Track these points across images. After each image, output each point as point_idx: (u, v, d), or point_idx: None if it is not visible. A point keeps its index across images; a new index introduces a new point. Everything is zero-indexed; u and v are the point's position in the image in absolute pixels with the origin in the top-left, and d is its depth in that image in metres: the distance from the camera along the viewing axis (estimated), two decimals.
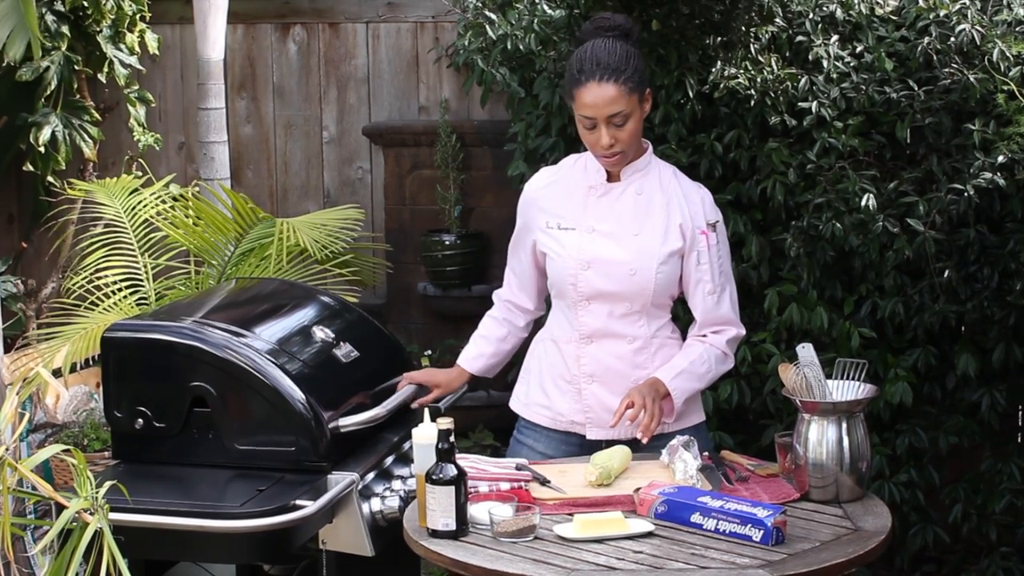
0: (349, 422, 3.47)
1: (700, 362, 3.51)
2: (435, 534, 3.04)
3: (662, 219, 3.50)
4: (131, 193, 5.13)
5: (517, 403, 3.70)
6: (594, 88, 3.41)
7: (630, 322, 3.51)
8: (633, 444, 3.46)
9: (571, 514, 3.12)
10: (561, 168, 3.66)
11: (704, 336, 3.56)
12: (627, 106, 3.41)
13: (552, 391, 3.60)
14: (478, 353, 3.75)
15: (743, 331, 3.63)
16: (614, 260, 3.48)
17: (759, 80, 4.55)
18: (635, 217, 3.51)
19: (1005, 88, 4.22)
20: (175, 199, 5.20)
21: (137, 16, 5.72)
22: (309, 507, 3.17)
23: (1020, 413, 4.85)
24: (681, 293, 3.58)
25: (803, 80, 4.53)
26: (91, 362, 4.60)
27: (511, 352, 3.78)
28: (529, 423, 3.66)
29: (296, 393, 3.37)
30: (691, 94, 4.63)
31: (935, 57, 4.41)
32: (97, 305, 4.79)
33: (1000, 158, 4.19)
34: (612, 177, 3.54)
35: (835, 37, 4.61)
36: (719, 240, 3.54)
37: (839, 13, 4.64)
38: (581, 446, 3.57)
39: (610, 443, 3.49)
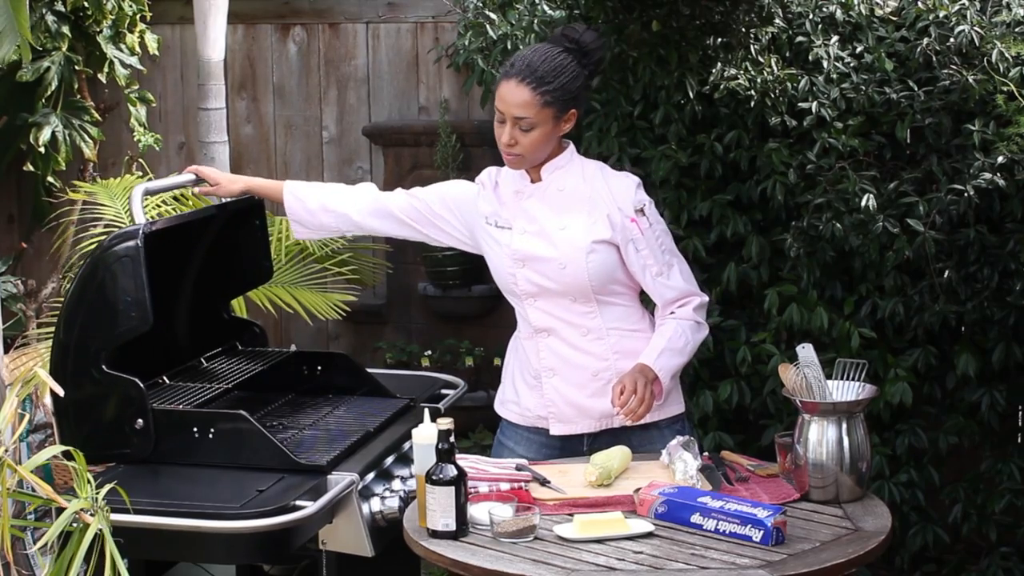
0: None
1: (677, 336, 3.53)
2: (435, 534, 3.05)
3: (586, 210, 3.53)
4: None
5: (496, 402, 3.76)
6: (511, 86, 3.46)
7: (580, 314, 3.54)
8: (622, 440, 3.48)
9: (571, 514, 3.12)
10: (503, 169, 3.66)
11: (672, 313, 3.57)
12: (535, 116, 3.45)
13: (520, 387, 3.65)
14: (308, 187, 3.81)
15: (706, 297, 3.62)
16: (544, 257, 3.52)
17: (759, 81, 4.56)
18: (559, 213, 3.54)
19: (1004, 89, 4.22)
20: (175, 199, 5.20)
21: (137, 16, 5.72)
22: (309, 507, 3.17)
23: (1020, 413, 4.85)
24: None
25: (803, 81, 4.53)
26: None
27: (323, 224, 3.79)
28: (505, 422, 3.71)
29: None
30: (691, 94, 4.63)
31: (935, 58, 4.41)
32: None
33: (1000, 158, 4.19)
34: (534, 178, 3.58)
35: (835, 38, 4.61)
36: (652, 222, 3.55)
37: (839, 14, 4.65)
38: (562, 449, 3.59)
39: (592, 438, 3.56)
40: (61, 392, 3.00)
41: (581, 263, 3.50)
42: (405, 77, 5.94)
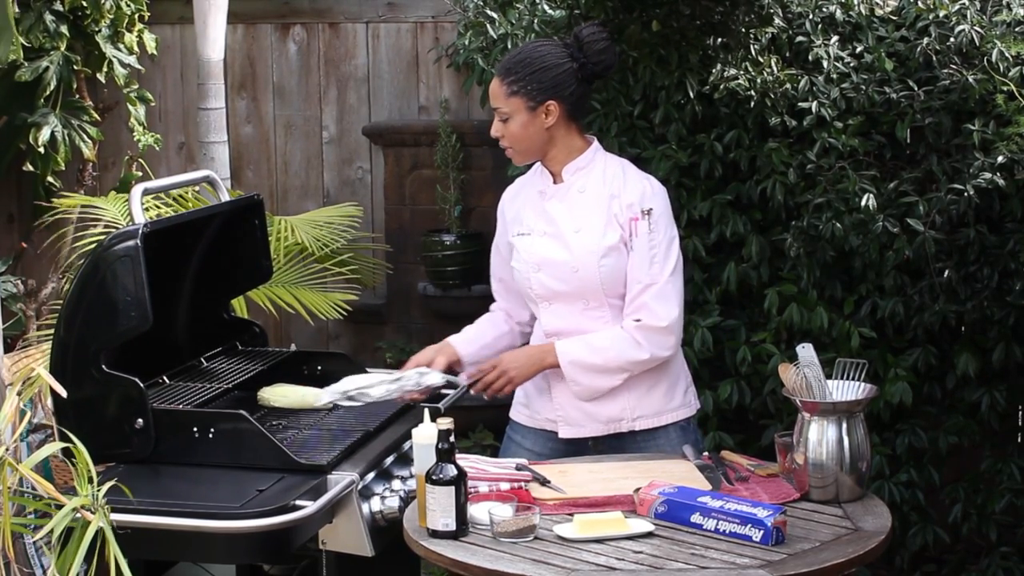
0: None
1: (602, 337, 3.49)
2: (435, 534, 3.05)
3: (602, 213, 3.50)
4: None
5: (511, 409, 3.77)
6: (492, 80, 3.55)
7: (592, 319, 3.53)
8: (628, 442, 3.48)
9: (571, 514, 3.12)
10: (528, 176, 3.69)
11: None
12: (505, 106, 3.50)
13: (530, 390, 3.66)
14: (477, 335, 3.76)
15: (662, 324, 3.46)
16: (557, 260, 3.52)
17: (759, 81, 4.56)
18: (576, 215, 3.53)
19: (1004, 88, 4.22)
20: (175, 199, 5.20)
21: (136, 16, 5.72)
22: (309, 507, 3.17)
23: (1020, 413, 4.85)
24: None
25: (803, 80, 4.53)
26: None
27: (503, 350, 3.74)
28: (514, 422, 3.73)
29: None
30: (691, 94, 4.63)
31: (935, 57, 4.42)
32: None
33: (1000, 158, 4.19)
34: (557, 178, 3.57)
35: (835, 38, 4.61)
36: (652, 230, 3.48)
37: (839, 14, 4.65)
38: (568, 443, 3.60)
39: (596, 440, 3.56)
40: (64, 394, 3.00)
41: (593, 267, 3.48)
42: (405, 77, 5.94)
